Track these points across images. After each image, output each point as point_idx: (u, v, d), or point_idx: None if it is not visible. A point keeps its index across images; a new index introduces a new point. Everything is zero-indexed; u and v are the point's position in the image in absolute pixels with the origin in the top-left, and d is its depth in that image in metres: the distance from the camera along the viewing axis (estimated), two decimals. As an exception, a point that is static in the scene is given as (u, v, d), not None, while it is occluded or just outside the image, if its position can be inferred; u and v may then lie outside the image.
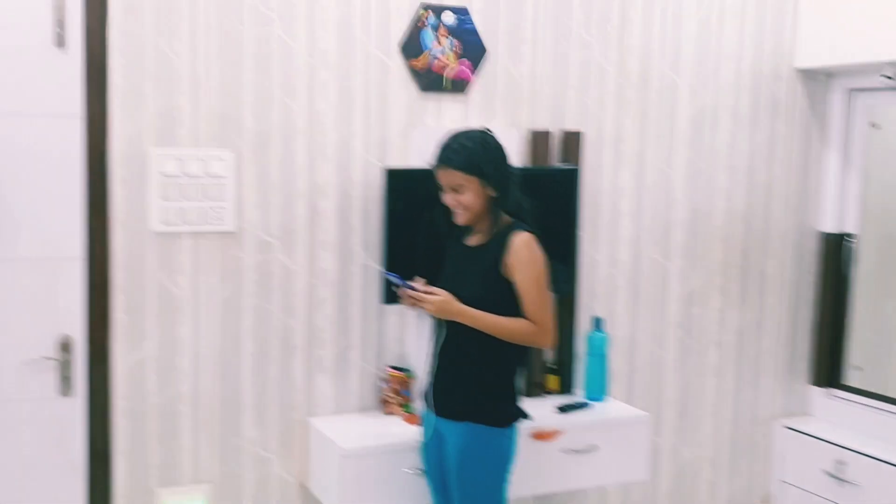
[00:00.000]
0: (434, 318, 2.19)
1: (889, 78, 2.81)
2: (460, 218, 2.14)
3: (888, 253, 3.13)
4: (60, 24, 2.16)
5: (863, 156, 3.12)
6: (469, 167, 2.08)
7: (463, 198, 2.10)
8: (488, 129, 2.17)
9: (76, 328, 2.24)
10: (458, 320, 2.09)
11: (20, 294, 2.19)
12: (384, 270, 2.41)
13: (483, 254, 2.13)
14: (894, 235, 3.10)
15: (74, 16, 2.17)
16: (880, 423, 3.01)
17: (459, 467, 2.12)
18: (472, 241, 2.19)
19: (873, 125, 3.10)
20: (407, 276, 2.21)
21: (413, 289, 2.13)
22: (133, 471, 2.33)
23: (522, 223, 2.14)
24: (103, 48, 2.20)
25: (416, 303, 2.14)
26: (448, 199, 2.14)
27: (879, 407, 3.03)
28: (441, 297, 2.09)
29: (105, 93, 2.21)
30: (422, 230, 2.38)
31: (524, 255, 2.07)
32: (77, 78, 2.19)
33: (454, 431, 2.14)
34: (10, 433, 2.21)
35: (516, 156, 2.63)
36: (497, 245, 2.11)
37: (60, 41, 2.17)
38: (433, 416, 2.20)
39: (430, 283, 2.19)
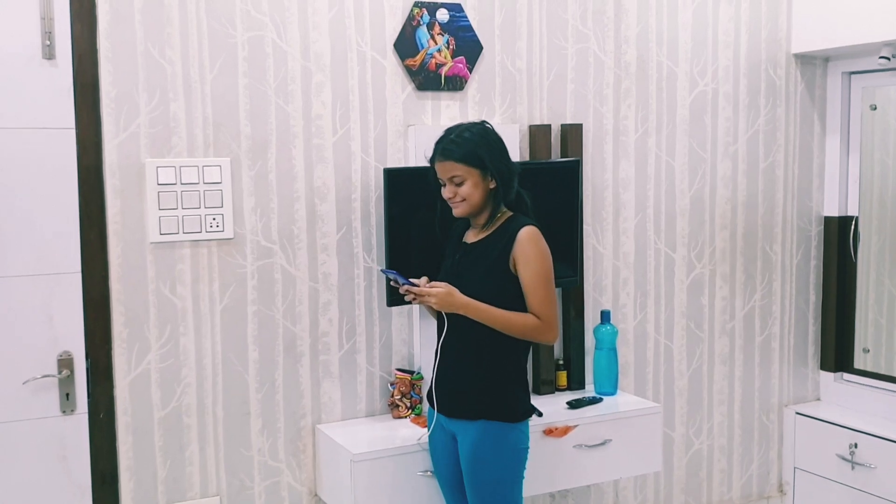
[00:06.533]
0: (437, 314, 2.15)
1: (887, 59, 2.80)
2: (459, 209, 2.10)
3: (891, 234, 3.12)
4: (49, 35, 2.13)
5: (862, 138, 3.11)
6: (469, 158, 2.05)
7: (462, 189, 2.07)
8: (487, 122, 2.14)
9: (76, 344, 2.20)
10: (461, 313, 2.05)
11: (18, 312, 2.15)
12: (382, 268, 2.39)
13: (486, 248, 2.10)
14: (897, 216, 3.09)
15: (63, 27, 2.14)
16: (891, 405, 3.00)
17: (475, 466, 2.09)
18: (471, 237, 2.16)
19: (872, 107, 3.09)
20: (406, 274, 2.17)
21: (413, 284, 2.10)
22: (140, 488, 2.29)
23: (525, 216, 2.11)
24: (93, 58, 2.17)
25: (418, 298, 2.09)
26: (447, 191, 2.10)
27: (890, 388, 3.02)
28: (443, 289, 2.05)
29: (97, 104, 2.18)
30: (413, 231, 2.35)
31: (531, 248, 2.04)
32: (67, 90, 2.15)
33: (468, 430, 2.10)
34: (12, 454, 2.17)
35: (516, 151, 2.60)
36: (502, 239, 2.08)
37: (49, 53, 2.13)
38: (442, 416, 2.17)
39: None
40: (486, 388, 2.09)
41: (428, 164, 2.15)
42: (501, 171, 2.08)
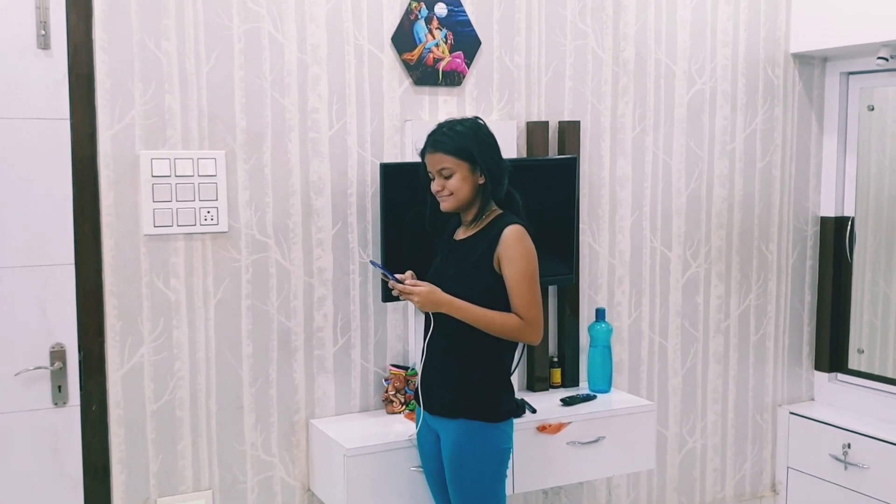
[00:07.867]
0: (423, 312, 2.14)
1: (885, 60, 2.80)
2: (446, 203, 2.09)
3: (887, 235, 3.12)
4: (44, 25, 2.11)
5: (860, 138, 3.11)
6: (459, 151, 2.04)
7: (450, 182, 2.06)
8: (480, 118, 2.14)
9: (69, 336, 2.19)
10: (444, 311, 2.04)
11: (10, 303, 2.14)
12: (372, 261, 2.38)
13: (472, 246, 2.09)
14: (892, 217, 3.09)
15: (58, 17, 2.12)
16: (885, 405, 3.00)
17: (455, 465, 2.08)
18: (461, 235, 2.15)
19: (869, 108, 3.08)
20: (402, 270, 2.17)
21: (399, 281, 2.09)
22: (132, 481, 2.28)
23: (513, 215, 2.10)
24: (89, 49, 2.15)
25: (403, 295, 2.09)
26: (435, 184, 2.09)
27: (884, 389, 3.03)
28: (426, 288, 2.05)
29: (92, 95, 2.16)
30: (409, 226, 2.35)
31: (515, 248, 2.02)
32: (62, 80, 2.14)
33: (449, 428, 2.10)
34: (4, 446, 2.16)
35: (513, 147, 2.60)
36: (488, 237, 2.07)
37: (44, 43, 2.12)
38: (427, 414, 2.16)
39: (420, 278, 2.15)
40: (469, 386, 2.08)
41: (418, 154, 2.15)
42: (491, 166, 2.07)
